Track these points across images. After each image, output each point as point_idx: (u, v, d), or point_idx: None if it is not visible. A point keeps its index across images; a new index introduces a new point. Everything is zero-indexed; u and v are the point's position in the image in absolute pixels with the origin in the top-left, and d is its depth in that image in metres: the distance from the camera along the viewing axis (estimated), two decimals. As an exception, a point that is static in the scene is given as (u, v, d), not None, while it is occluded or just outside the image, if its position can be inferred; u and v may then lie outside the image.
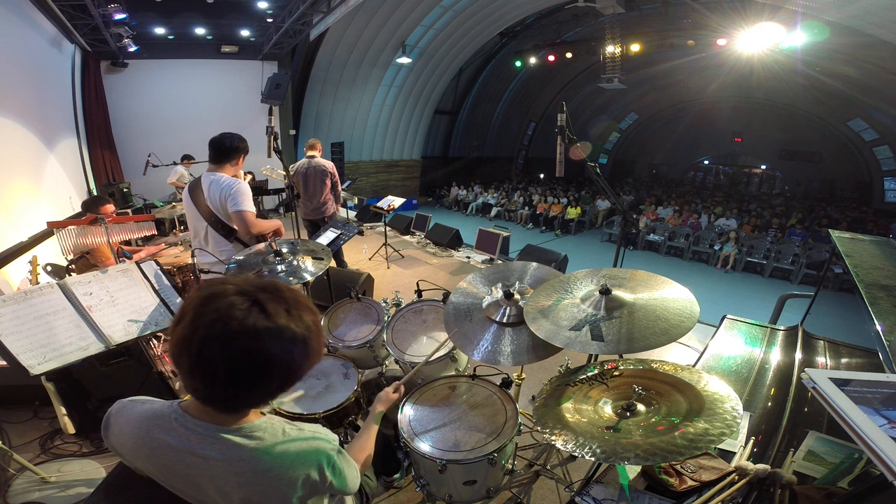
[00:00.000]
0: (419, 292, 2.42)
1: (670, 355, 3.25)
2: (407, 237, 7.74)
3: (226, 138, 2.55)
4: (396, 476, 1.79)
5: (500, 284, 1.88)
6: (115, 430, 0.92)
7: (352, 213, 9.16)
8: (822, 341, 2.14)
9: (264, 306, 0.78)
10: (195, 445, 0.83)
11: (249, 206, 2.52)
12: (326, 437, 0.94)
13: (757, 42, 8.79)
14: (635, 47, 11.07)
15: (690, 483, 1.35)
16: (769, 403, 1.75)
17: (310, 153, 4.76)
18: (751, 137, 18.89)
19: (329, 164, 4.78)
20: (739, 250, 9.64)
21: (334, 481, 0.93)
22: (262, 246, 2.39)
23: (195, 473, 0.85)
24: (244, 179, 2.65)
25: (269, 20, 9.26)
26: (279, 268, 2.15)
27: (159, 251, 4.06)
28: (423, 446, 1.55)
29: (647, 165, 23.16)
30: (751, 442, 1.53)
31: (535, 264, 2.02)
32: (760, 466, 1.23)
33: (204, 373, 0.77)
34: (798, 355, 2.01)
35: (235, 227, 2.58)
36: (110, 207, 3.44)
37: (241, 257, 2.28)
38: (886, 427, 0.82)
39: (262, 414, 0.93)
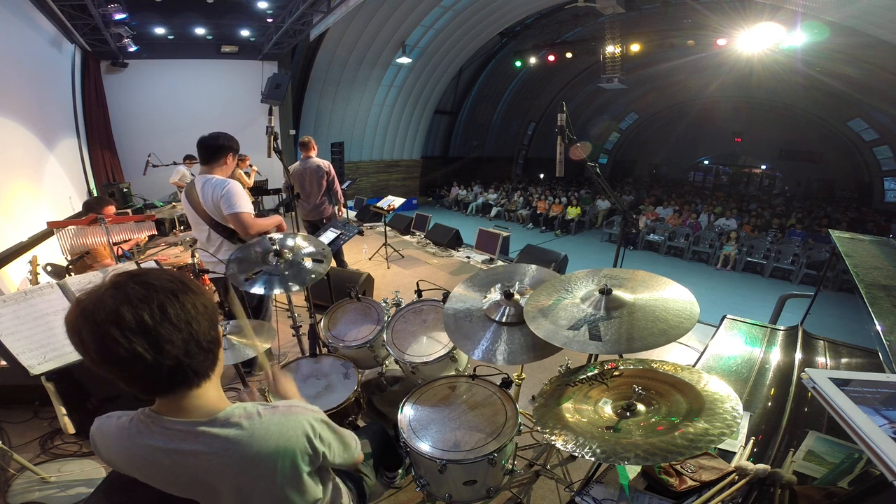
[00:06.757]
0: (419, 292, 2.43)
1: (670, 355, 3.25)
2: (407, 237, 7.73)
3: (212, 138, 2.48)
4: (399, 472, 1.78)
5: (498, 285, 1.88)
6: (102, 448, 0.91)
7: (351, 213, 9.15)
8: (822, 341, 2.14)
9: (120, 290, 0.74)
10: (180, 444, 0.82)
11: (244, 206, 2.45)
12: (303, 405, 0.95)
13: (757, 42, 8.79)
14: (635, 47, 11.07)
15: (690, 483, 1.34)
16: (769, 403, 1.75)
17: (305, 153, 4.70)
18: (751, 137, 18.88)
19: (325, 164, 4.72)
20: (739, 250, 9.64)
21: (326, 452, 0.94)
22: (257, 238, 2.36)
23: (194, 472, 0.84)
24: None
25: (269, 20, 9.25)
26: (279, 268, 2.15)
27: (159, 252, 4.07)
28: (423, 446, 1.55)
29: (647, 165, 23.14)
30: (751, 442, 1.53)
31: (534, 267, 2.02)
32: (760, 466, 1.23)
33: (130, 368, 0.74)
34: (798, 355, 2.01)
35: (234, 228, 2.56)
36: (112, 209, 3.46)
37: (240, 254, 2.27)
38: (886, 427, 0.82)
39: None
